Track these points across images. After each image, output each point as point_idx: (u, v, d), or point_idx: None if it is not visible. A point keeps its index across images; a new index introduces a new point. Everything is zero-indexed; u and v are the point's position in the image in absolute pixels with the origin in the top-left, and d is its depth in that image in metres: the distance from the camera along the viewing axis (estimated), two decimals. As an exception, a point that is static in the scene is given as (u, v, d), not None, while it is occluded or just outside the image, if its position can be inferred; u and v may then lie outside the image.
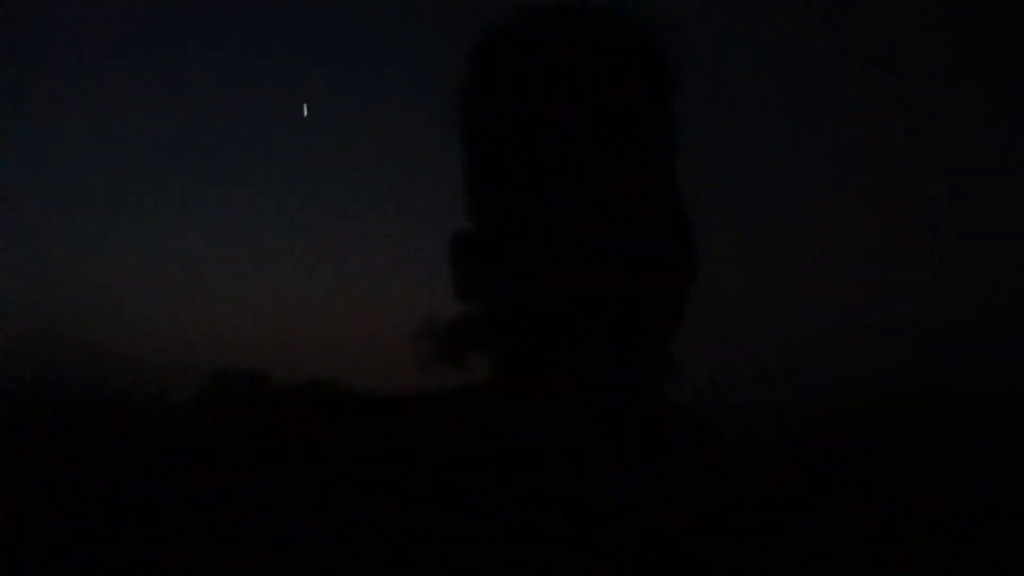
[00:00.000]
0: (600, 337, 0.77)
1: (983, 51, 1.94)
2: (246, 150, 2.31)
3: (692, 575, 0.76)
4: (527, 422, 0.81)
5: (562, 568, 0.75)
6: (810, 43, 2.03)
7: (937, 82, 1.99)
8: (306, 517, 0.78)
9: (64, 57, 2.18)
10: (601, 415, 0.80)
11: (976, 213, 1.98)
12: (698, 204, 0.85)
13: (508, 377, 0.83)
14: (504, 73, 0.81)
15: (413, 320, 0.87)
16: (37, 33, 2.11)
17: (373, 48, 2.22)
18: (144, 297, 2.25)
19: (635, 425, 0.82)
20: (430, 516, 0.77)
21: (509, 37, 0.83)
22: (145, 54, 2.21)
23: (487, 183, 0.83)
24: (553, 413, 0.80)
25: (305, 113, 2.11)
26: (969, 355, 1.84)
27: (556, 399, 0.80)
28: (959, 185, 2.00)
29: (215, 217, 2.36)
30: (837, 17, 1.99)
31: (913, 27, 1.98)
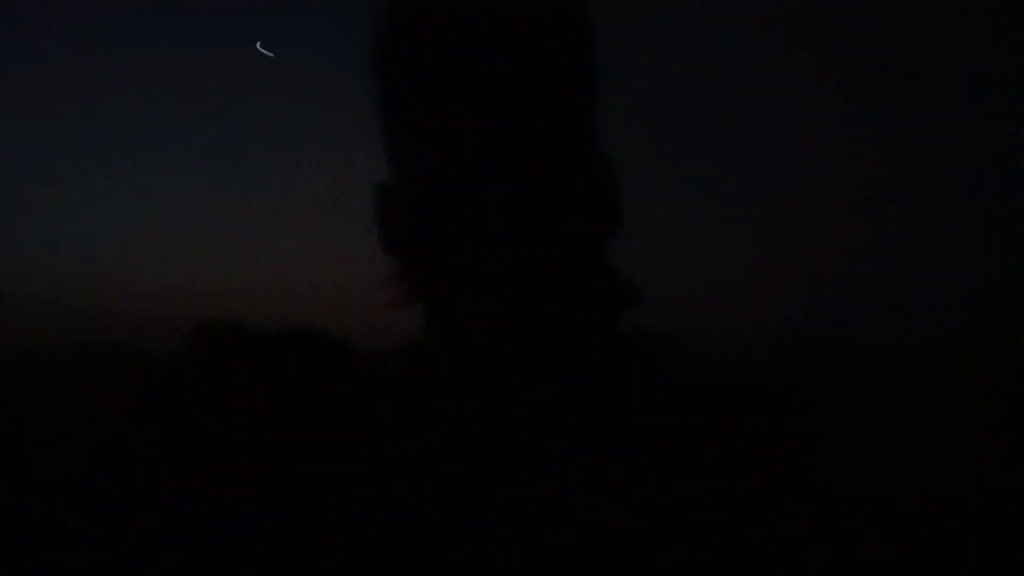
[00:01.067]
0: (520, 292, 0.77)
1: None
2: (207, 101, 2.30)
3: (666, 511, 0.76)
4: (471, 369, 0.81)
5: (528, 519, 0.75)
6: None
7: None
8: (285, 469, 0.79)
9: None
10: (542, 362, 0.80)
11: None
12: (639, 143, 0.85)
13: (443, 331, 0.83)
14: (418, 26, 0.80)
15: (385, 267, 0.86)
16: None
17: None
18: (122, 251, 2.26)
19: (584, 366, 0.82)
20: (403, 465, 0.78)
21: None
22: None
23: (401, 136, 0.82)
24: (495, 357, 0.79)
25: (269, 54, 2.10)
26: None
27: (496, 341, 0.79)
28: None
29: (189, 170, 2.36)
30: None
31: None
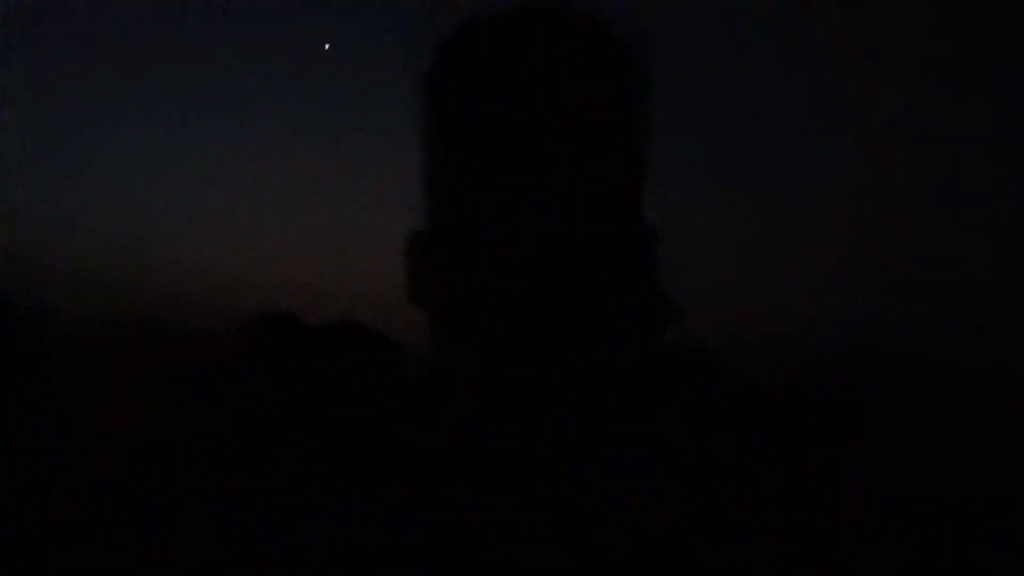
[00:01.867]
0: (557, 338, 0.75)
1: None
2: (268, 100, 2.34)
3: (696, 521, 0.76)
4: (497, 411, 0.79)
5: (564, 526, 0.75)
6: (793, 46, 2.03)
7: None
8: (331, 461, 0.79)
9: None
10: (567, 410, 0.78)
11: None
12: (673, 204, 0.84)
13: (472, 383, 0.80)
14: (473, 70, 0.79)
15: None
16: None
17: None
18: (183, 241, 2.30)
19: (622, 399, 0.80)
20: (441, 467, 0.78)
21: (481, 34, 0.81)
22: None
23: (447, 183, 0.80)
24: (517, 401, 0.78)
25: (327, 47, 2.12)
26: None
27: (523, 392, 0.77)
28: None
29: (257, 166, 2.40)
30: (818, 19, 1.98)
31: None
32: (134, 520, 0.80)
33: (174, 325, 2.08)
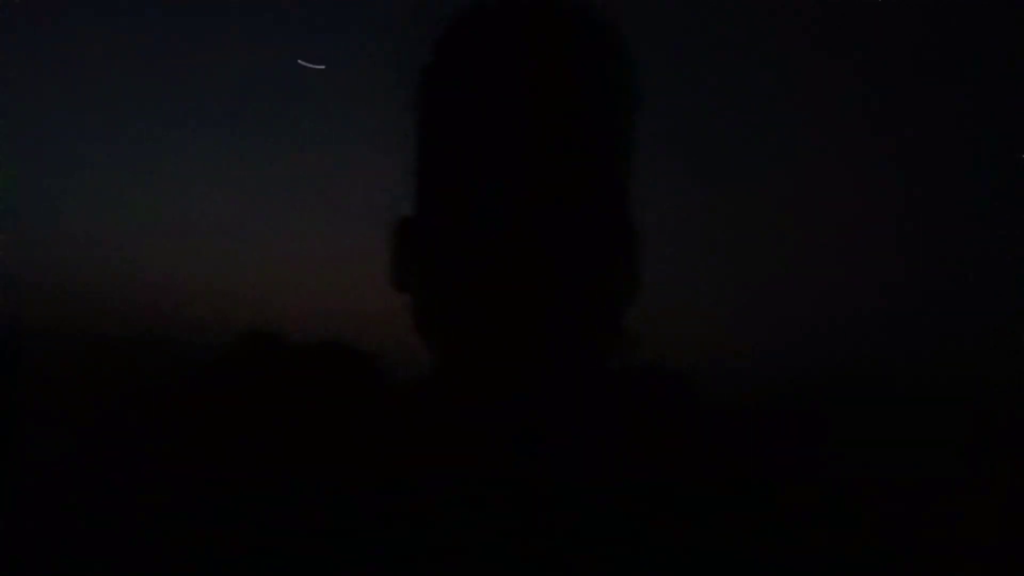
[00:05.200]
0: (533, 331, 0.77)
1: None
2: (251, 117, 2.35)
3: (672, 539, 0.77)
4: (471, 409, 0.81)
5: (540, 543, 0.76)
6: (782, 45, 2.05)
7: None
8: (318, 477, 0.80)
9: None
10: (541, 401, 0.79)
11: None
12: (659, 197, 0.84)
13: (451, 363, 0.82)
14: (467, 62, 0.81)
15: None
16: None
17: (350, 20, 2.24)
18: (164, 263, 2.30)
19: (590, 400, 0.82)
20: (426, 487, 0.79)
21: (477, 26, 0.82)
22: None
23: (437, 171, 0.82)
24: (499, 401, 0.79)
25: (316, 66, 2.13)
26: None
27: (498, 388, 0.79)
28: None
29: (238, 184, 2.40)
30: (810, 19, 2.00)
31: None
32: (113, 542, 0.80)
33: (156, 342, 2.07)
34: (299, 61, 2.07)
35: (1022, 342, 1.82)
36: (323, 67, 2.11)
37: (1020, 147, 1.95)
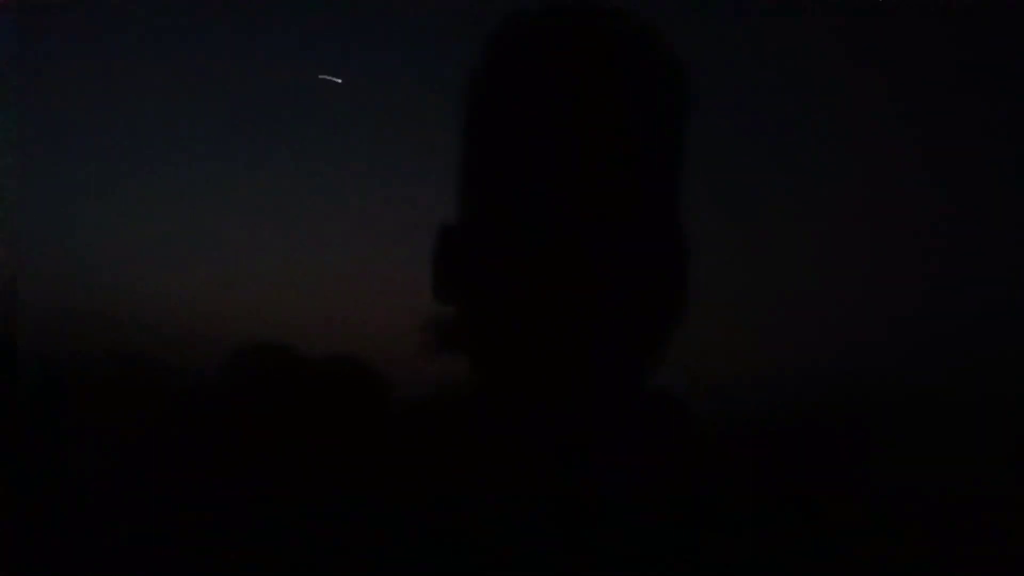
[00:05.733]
0: (579, 346, 0.75)
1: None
2: (267, 133, 2.35)
3: (679, 560, 0.76)
4: (509, 423, 0.79)
5: (551, 560, 0.75)
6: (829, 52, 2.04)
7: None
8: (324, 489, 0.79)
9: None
10: (582, 418, 0.78)
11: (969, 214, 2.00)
12: (702, 220, 0.82)
13: (490, 377, 0.80)
14: (514, 69, 0.79)
15: (426, 309, 0.84)
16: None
17: (386, 34, 2.24)
18: (168, 274, 2.30)
19: (621, 421, 0.80)
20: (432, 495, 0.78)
21: (524, 33, 0.80)
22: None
23: (483, 179, 0.80)
24: (534, 414, 0.77)
25: (335, 79, 2.13)
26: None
27: (536, 401, 0.77)
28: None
29: (243, 196, 2.41)
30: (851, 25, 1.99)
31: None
32: (123, 561, 0.80)
33: (159, 359, 2.07)
34: (320, 76, 2.08)
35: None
36: (340, 80, 2.11)
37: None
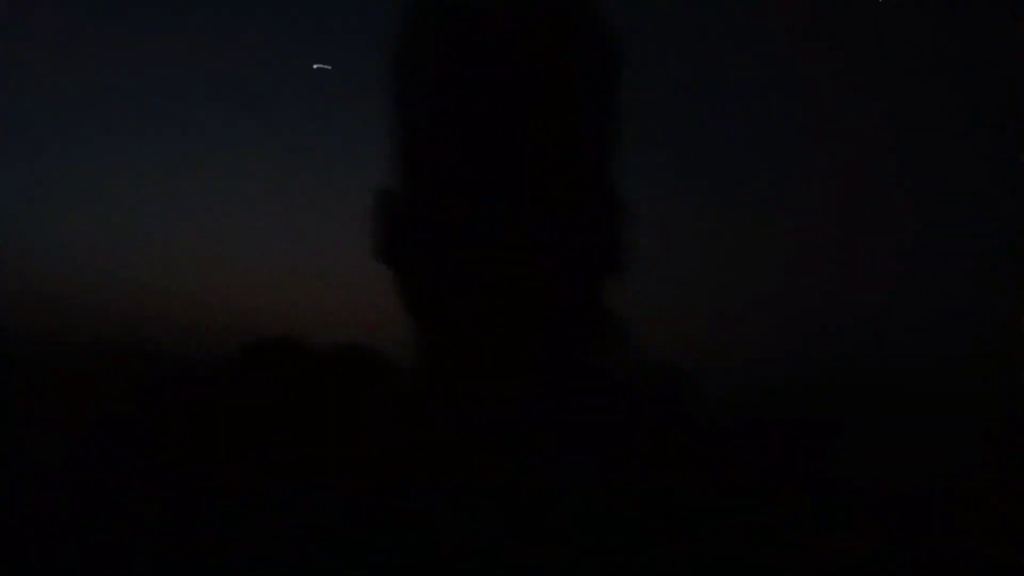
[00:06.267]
0: (518, 307, 0.76)
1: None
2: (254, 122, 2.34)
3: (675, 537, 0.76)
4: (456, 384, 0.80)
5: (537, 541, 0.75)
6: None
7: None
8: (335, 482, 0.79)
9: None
10: (530, 385, 0.78)
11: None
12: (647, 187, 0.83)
13: (433, 340, 0.81)
14: (444, 32, 0.79)
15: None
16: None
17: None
18: (174, 268, 2.30)
19: (565, 381, 0.80)
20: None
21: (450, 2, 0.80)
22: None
23: (415, 142, 0.80)
24: (487, 372, 0.78)
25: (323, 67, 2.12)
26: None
27: (485, 359, 0.78)
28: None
29: (245, 187, 2.40)
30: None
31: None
32: (125, 556, 0.80)
33: (164, 352, 2.08)
34: (315, 66, 2.08)
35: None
36: (330, 67, 2.11)
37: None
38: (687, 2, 1.94)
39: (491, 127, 0.76)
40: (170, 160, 2.27)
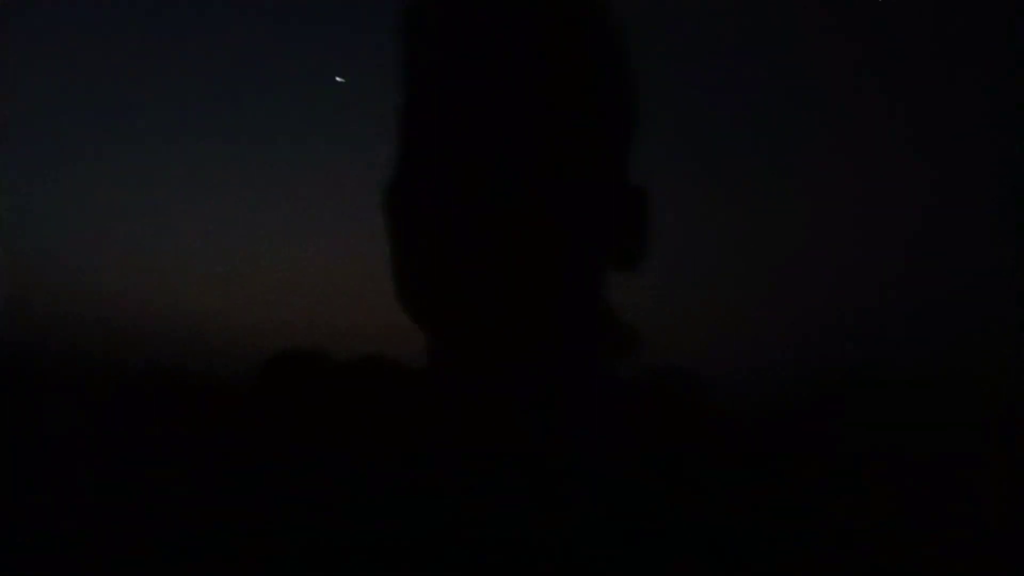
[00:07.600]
0: (526, 299, 0.75)
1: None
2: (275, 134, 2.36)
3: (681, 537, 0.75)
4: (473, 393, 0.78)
5: (540, 537, 0.74)
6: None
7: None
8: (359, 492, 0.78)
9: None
10: (537, 388, 0.78)
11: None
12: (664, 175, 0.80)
13: (442, 346, 0.80)
14: (443, 23, 0.78)
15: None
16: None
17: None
18: (201, 279, 2.32)
19: (585, 395, 0.79)
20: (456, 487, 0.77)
21: None
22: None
23: (421, 134, 0.79)
24: (485, 362, 0.77)
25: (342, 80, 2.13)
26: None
27: (496, 370, 0.77)
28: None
29: (272, 201, 2.41)
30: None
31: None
32: (141, 563, 0.80)
33: (187, 372, 2.10)
34: (337, 78, 2.10)
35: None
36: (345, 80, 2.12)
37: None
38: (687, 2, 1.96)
39: (491, 127, 0.75)
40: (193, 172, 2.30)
